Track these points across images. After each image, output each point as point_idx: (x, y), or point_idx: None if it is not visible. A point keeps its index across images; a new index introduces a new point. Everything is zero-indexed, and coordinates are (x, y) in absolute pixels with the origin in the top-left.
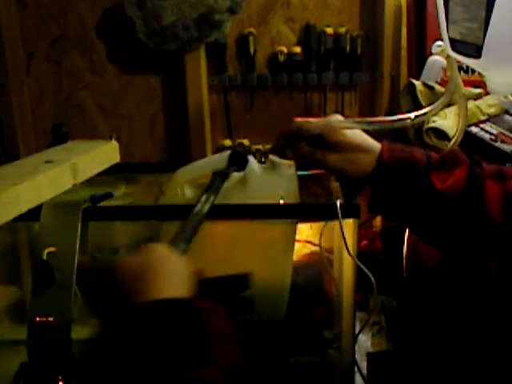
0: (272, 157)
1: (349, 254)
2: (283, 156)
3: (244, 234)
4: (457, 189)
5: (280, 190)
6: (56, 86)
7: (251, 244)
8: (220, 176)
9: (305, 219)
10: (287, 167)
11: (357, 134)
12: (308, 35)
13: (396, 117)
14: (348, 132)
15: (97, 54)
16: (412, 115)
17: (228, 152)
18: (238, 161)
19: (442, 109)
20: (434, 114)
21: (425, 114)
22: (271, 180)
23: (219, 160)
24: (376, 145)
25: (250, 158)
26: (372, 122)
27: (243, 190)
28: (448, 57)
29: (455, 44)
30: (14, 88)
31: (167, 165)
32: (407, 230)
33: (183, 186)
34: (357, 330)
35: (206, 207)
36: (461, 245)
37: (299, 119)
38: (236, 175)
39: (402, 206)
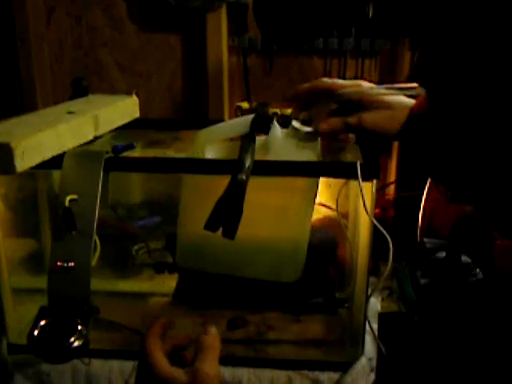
0: (295, 123)
1: (366, 212)
2: (307, 123)
3: (262, 194)
4: None
5: (302, 158)
6: (75, 41)
7: (269, 203)
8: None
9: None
10: (310, 135)
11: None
12: None
13: None
14: (382, 90)
15: (117, 10)
16: None
17: (252, 116)
18: (261, 125)
19: None
20: None
21: None
22: (293, 147)
23: (242, 123)
24: (411, 101)
25: (274, 122)
26: (406, 89)
27: (265, 155)
28: None
29: None
30: (34, 42)
31: (185, 122)
32: (424, 196)
33: (204, 147)
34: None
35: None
36: (490, 200)
37: (326, 79)
38: (258, 139)
39: (434, 159)
